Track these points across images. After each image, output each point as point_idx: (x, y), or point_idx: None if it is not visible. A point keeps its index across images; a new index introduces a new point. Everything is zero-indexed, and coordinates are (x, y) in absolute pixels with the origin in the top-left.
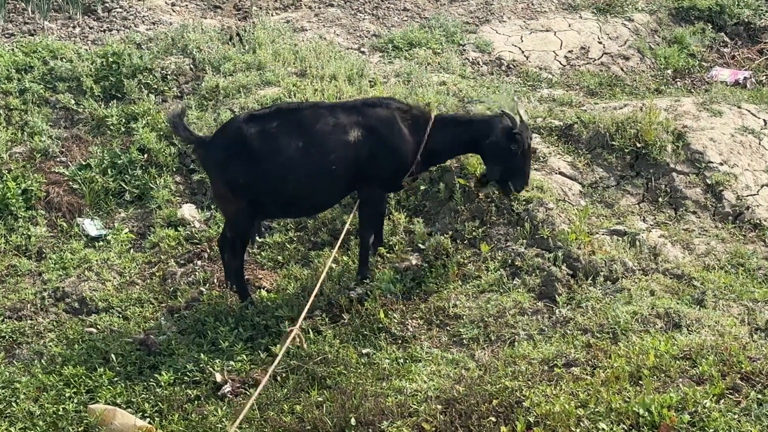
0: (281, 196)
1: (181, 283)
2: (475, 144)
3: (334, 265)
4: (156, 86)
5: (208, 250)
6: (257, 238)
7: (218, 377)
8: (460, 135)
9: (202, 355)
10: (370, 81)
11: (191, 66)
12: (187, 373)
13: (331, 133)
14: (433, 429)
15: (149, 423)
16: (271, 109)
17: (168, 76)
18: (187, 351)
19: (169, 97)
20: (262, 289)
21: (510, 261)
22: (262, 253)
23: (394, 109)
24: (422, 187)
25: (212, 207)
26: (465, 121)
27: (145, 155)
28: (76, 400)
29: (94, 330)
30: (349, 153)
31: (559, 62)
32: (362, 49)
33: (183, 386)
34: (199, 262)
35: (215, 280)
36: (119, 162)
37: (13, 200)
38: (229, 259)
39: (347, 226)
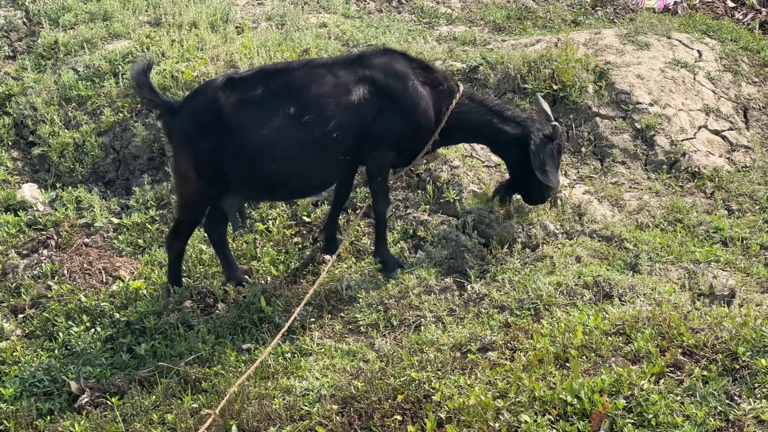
0: (265, 176)
1: (24, 277)
2: (503, 144)
3: (204, 247)
4: None
5: (56, 237)
6: (239, 224)
7: (74, 386)
8: (488, 126)
9: (53, 361)
10: (236, 27)
11: (24, 19)
12: (37, 383)
13: (329, 95)
14: None
15: None
16: (254, 71)
17: None
18: (36, 357)
19: None
20: (120, 280)
21: (411, 231)
22: (120, 236)
23: (410, 63)
24: None
25: (57, 186)
26: (499, 112)
27: None
28: None
29: None
30: (354, 117)
31: None
32: None
33: (32, 399)
34: (45, 252)
35: (66, 272)
36: None
37: None
38: (170, 240)
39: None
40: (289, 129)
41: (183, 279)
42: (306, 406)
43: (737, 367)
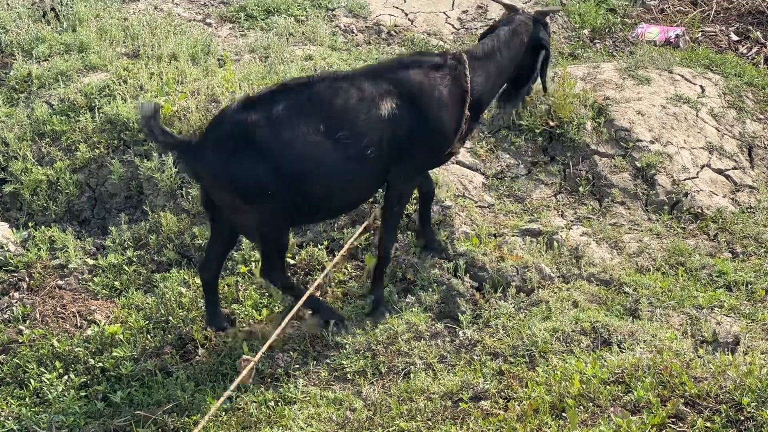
0: (305, 198)
1: None
2: (524, 70)
3: (184, 290)
4: None
5: (27, 279)
6: None
7: None
8: (505, 64)
9: (24, 409)
10: (218, 59)
11: None
12: None
13: (359, 109)
14: None
15: None
16: (273, 89)
17: None
18: (6, 406)
19: None
20: (95, 324)
21: (401, 274)
22: (95, 279)
23: (429, 67)
24: None
25: (30, 225)
26: (501, 47)
27: None
28: None
29: None
30: (385, 131)
31: (452, 25)
32: (208, 21)
33: None
34: (16, 294)
35: (38, 316)
36: None
37: None
38: (274, 278)
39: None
40: (323, 147)
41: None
42: None
43: (742, 418)
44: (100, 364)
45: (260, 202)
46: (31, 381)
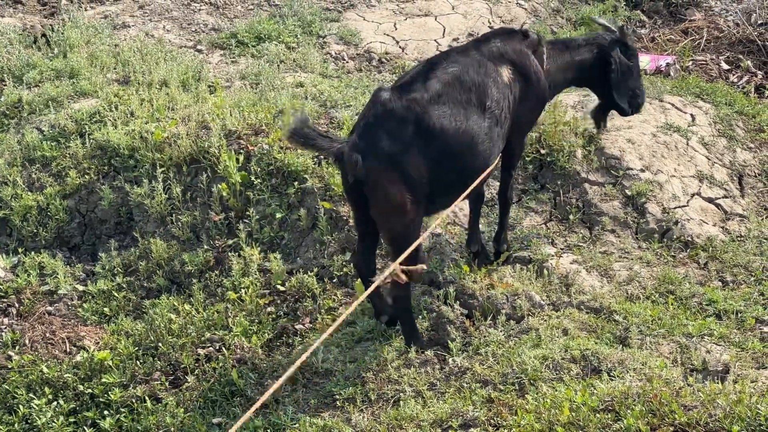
0: (459, 177)
1: None
2: (592, 73)
3: (173, 317)
4: None
5: (17, 305)
6: None
7: None
8: (577, 65)
9: None
10: (209, 86)
11: None
12: None
13: (492, 78)
14: None
15: None
16: (420, 69)
17: None
18: None
19: None
20: (85, 350)
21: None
22: (85, 305)
23: (520, 38)
24: (278, 215)
25: (19, 251)
26: (580, 46)
27: None
28: None
29: None
30: (509, 96)
31: None
32: (199, 47)
33: None
34: (5, 320)
35: (27, 341)
36: None
37: None
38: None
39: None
40: (479, 120)
41: None
42: None
43: None
44: (90, 391)
45: (421, 194)
46: (20, 407)
